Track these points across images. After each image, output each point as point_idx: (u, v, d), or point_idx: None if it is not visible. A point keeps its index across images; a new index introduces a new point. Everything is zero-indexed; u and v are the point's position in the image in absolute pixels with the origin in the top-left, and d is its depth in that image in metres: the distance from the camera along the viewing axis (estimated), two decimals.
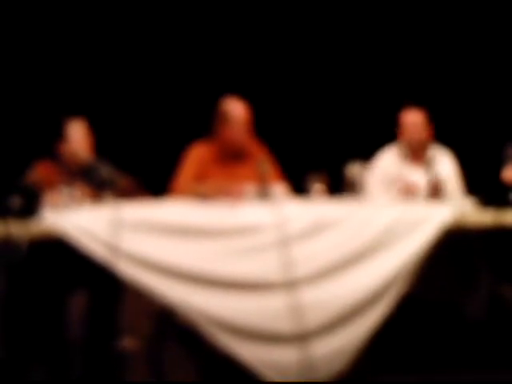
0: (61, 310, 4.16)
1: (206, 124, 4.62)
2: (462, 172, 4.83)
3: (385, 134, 4.84)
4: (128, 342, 4.31)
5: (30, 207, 3.76)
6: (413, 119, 4.72)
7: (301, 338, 3.67)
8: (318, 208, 4.02)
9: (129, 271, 3.74)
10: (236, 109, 4.54)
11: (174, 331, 4.02)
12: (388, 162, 4.74)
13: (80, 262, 3.81)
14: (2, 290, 4.01)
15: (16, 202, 3.74)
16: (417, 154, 4.72)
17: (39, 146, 4.49)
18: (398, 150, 4.77)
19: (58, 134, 4.43)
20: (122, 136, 5.81)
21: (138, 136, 5.92)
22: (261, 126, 4.65)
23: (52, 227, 3.76)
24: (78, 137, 4.42)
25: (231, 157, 4.59)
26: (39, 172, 4.37)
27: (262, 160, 4.40)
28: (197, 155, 4.57)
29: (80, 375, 4.12)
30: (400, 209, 3.98)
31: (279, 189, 4.25)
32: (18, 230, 3.70)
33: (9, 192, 3.76)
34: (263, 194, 4.19)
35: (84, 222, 3.78)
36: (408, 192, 4.38)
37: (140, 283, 3.75)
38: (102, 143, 4.59)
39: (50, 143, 4.43)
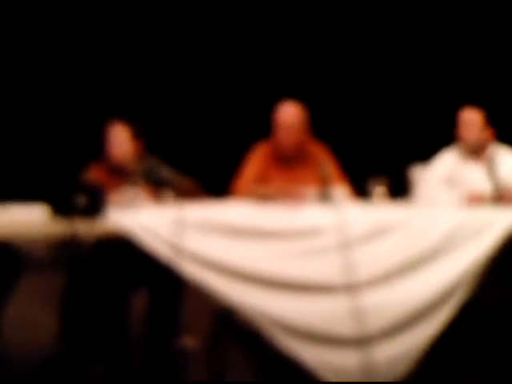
0: (122, 307, 4.22)
1: (268, 125, 4.64)
2: None
3: (446, 136, 4.83)
4: (188, 341, 4.35)
5: (94, 206, 3.81)
6: (470, 118, 4.72)
7: (362, 341, 3.67)
8: (379, 211, 4.02)
9: (191, 271, 3.77)
10: (285, 114, 4.58)
11: (233, 331, 4.04)
12: (448, 162, 4.72)
13: (142, 260, 3.85)
14: (66, 287, 4.08)
15: (81, 201, 3.80)
16: (476, 153, 4.71)
17: (93, 148, 4.55)
18: (458, 150, 4.76)
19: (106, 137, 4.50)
20: (183, 137, 5.87)
21: (199, 138, 5.96)
22: (322, 129, 4.66)
23: (116, 226, 3.80)
24: (119, 140, 4.47)
25: (289, 159, 4.60)
26: (93, 174, 4.44)
27: (323, 162, 4.41)
28: (259, 157, 4.60)
29: (140, 372, 4.17)
30: (464, 213, 3.95)
31: (340, 191, 4.25)
32: (83, 228, 3.75)
33: (74, 191, 3.81)
34: (324, 196, 4.19)
35: (148, 221, 3.82)
36: (473, 200, 4.34)
37: (202, 283, 3.77)
38: (163, 145, 4.64)
39: (101, 145, 4.50)
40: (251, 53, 6.14)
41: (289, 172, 4.58)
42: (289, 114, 4.58)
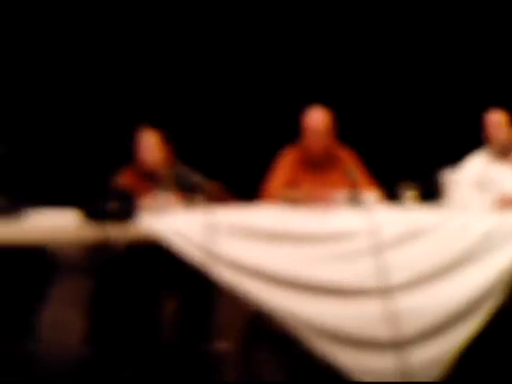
0: (154, 311, 4.23)
1: (296, 130, 4.66)
2: None
3: (474, 139, 4.84)
4: (220, 345, 4.35)
5: (126, 211, 3.82)
6: (496, 119, 4.77)
7: (397, 344, 3.65)
8: (411, 215, 4.01)
9: (223, 275, 3.77)
10: (314, 120, 4.63)
11: (266, 335, 4.04)
12: (477, 164, 4.73)
13: (174, 264, 3.86)
14: (97, 291, 4.09)
15: (113, 206, 3.81)
16: (504, 154, 4.73)
17: (125, 153, 4.57)
18: (486, 152, 4.77)
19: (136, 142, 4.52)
20: (213, 142, 5.88)
21: (227, 143, 5.98)
22: (352, 134, 4.67)
23: (148, 231, 3.81)
24: (149, 145, 4.49)
25: (318, 164, 4.63)
26: (124, 179, 4.46)
27: (352, 167, 4.42)
28: (287, 161, 4.63)
29: (172, 376, 4.17)
30: (496, 217, 3.93)
31: (371, 195, 4.25)
32: (115, 233, 3.76)
33: (106, 196, 3.83)
34: (354, 200, 4.19)
35: (179, 226, 3.82)
36: (505, 203, 4.32)
37: (234, 287, 3.77)
38: (193, 150, 4.66)
39: (132, 151, 4.52)
40: (279, 58, 6.16)
41: (317, 176, 4.60)
42: (317, 119, 4.62)
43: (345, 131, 4.67)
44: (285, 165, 4.63)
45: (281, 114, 5.83)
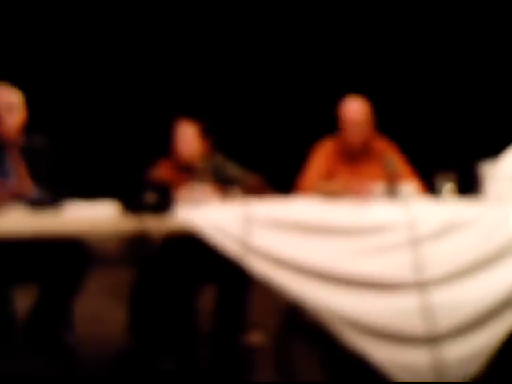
0: (191, 303, 4.25)
1: (333, 120, 4.63)
2: None
3: None
4: (255, 337, 4.37)
5: (163, 203, 3.84)
6: None
7: (433, 340, 3.63)
8: (449, 208, 3.97)
9: (259, 267, 3.77)
10: (352, 110, 4.59)
11: (301, 328, 4.04)
12: None
13: (211, 256, 3.87)
14: (136, 283, 4.13)
15: (150, 198, 3.83)
16: None
17: (161, 145, 4.59)
18: None
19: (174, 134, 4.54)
20: (250, 134, 5.88)
21: (264, 133, 5.98)
22: (390, 125, 4.64)
23: (185, 223, 3.82)
24: (186, 137, 4.49)
25: (355, 155, 4.60)
26: (161, 171, 4.47)
27: (390, 158, 4.39)
28: (324, 153, 4.61)
29: (208, 368, 4.19)
30: None
31: (408, 187, 4.22)
32: (152, 225, 3.78)
33: (143, 188, 3.85)
34: (392, 192, 4.16)
35: (216, 218, 3.83)
36: None
37: (270, 279, 3.76)
38: (230, 142, 4.66)
39: (168, 143, 4.53)
40: (318, 48, 6.14)
41: (355, 168, 4.58)
42: (356, 109, 4.59)
43: (382, 121, 4.63)
44: (321, 156, 4.61)
45: (318, 104, 5.80)
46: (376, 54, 6.06)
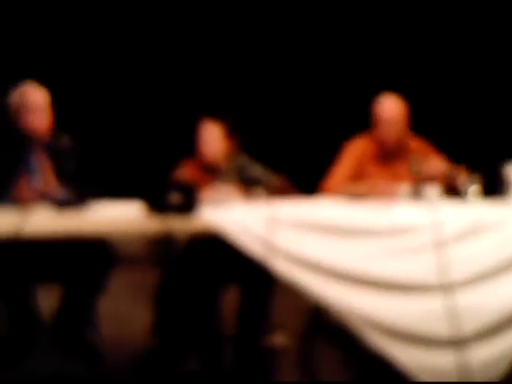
0: (215, 304, 4.26)
1: (364, 118, 4.54)
2: None
3: None
4: (279, 339, 4.37)
5: (188, 204, 3.85)
6: None
7: (458, 342, 3.61)
8: (474, 210, 3.95)
9: (283, 268, 3.77)
10: (386, 109, 4.48)
11: (325, 330, 4.03)
12: None
13: (235, 257, 3.87)
14: (161, 283, 4.14)
15: (175, 198, 3.84)
16: None
17: (186, 145, 4.60)
18: None
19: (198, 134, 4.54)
20: (276, 134, 5.88)
21: (292, 133, 5.96)
22: (415, 125, 4.58)
23: (209, 223, 3.83)
24: (211, 138, 4.48)
25: (389, 155, 4.53)
26: (185, 171, 4.48)
27: (416, 159, 4.35)
28: (355, 152, 4.52)
29: (231, 369, 4.20)
30: None
31: (433, 189, 4.19)
32: (176, 225, 3.79)
33: (167, 189, 3.86)
34: (417, 193, 4.15)
35: (240, 218, 3.83)
36: None
37: (294, 281, 3.76)
38: (255, 142, 4.65)
39: (193, 143, 4.54)
40: (346, 44, 6.11)
41: (388, 169, 4.49)
42: (391, 108, 4.47)
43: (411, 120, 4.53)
44: (351, 157, 4.51)
45: (348, 102, 5.75)
46: (410, 54, 6.00)
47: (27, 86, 4.35)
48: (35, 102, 4.29)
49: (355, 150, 4.54)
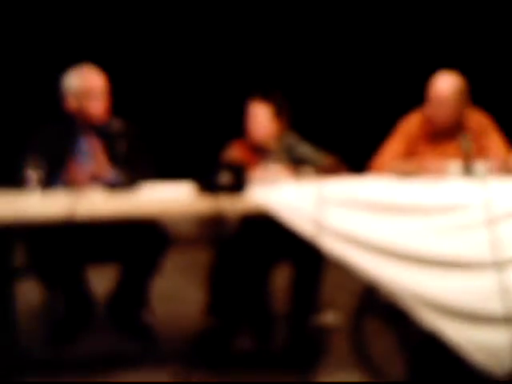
0: (267, 282, 4.29)
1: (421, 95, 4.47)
2: None
3: None
4: (330, 317, 4.38)
5: (238, 183, 3.87)
6: None
7: (511, 320, 3.58)
8: None
9: (333, 246, 3.76)
10: (440, 88, 4.37)
11: (376, 307, 4.03)
12: None
13: (285, 236, 3.89)
14: (214, 263, 4.18)
15: (225, 178, 3.86)
16: None
17: (236, 125, 4.61)
18: None
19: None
20: (326, 112, 5.85)
21: (343, 111, 5.92)
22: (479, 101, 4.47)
23: (260, 203, 3.84)
24: (260, 118, 4.48)
25: (442, 134, 4.46)
26: (234, 151, 4.50)
27: (467, 137, 4.29)
28: (408, 130, 4.47)
29: (283, 346, 4.22)
30: None
31: (484, 166, 4.14)
32: (227, 205, 3.82)
33: (217, 169, 3.89)
34: (468, 171, 4.11)
35: (290, 197, 3.84)
36: None
37: (344, 259, 3.76)
38: (304, 121, 4.65)
39: (243, 123, 4.55)
40: (406, 21, 6.02)
41: (438, 147, 4.43)
42: (443, 87, 4.36)
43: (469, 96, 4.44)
44: (401, 135, 4.46)
45: (404, 80, 5.67)
46: (468, 30, 5.90)
47: (87, 70, 4.30)
48: (96, 87, 4.25)
49: (407, 128, 4.47)
